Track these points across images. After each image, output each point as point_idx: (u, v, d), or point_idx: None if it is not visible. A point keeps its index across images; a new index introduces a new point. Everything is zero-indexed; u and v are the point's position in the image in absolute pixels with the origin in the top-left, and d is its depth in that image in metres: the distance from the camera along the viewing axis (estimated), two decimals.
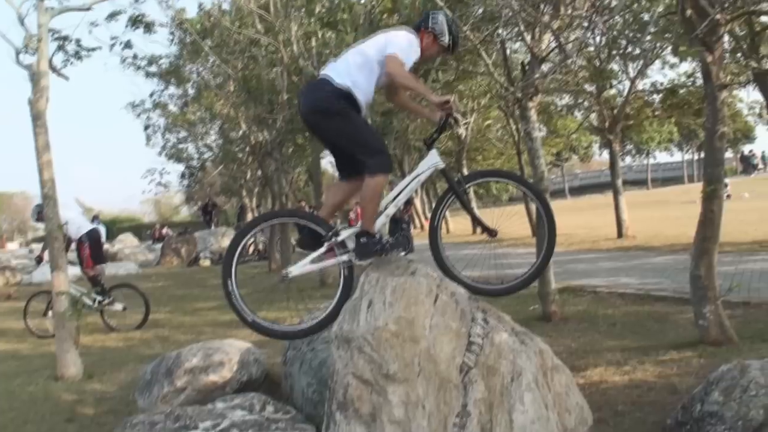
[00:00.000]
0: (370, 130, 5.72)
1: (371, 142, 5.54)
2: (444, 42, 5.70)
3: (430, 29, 5.70)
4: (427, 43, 5.72)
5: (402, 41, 5.57)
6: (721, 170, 8.74)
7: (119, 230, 55.35)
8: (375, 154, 5.45)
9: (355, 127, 5.52)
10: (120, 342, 12.95)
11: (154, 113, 32.64)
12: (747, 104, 32.13)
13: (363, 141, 5.51)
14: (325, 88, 5.52)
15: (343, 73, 5.55)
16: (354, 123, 5.51)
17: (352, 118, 5.50)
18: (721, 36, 8.40)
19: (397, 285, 4.92)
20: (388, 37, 5.66)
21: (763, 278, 12.68)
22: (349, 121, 5.49)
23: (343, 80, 5.49)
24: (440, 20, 5.71)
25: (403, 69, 5.36)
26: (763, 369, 5.24)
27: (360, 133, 5.53)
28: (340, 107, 5.46)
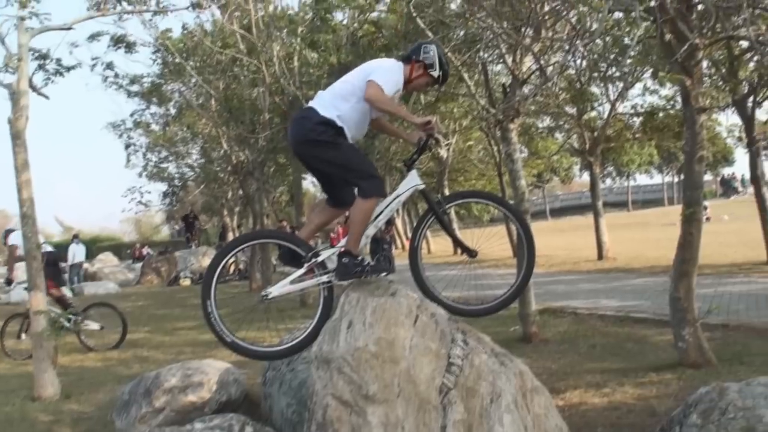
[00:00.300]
0: (360, 155, 5.69)
1: (363, 167, 5.53)
2: (434, 74, 5.69)
3: (422, 60, 5.69)
4: (417, 74, 5.71)
5: (385, 69, 5.56)
6: (700, 193, 8.80)
7: (99, 249, 54.89)
8: (368, 178, 5.46)
9: (345, 154, 5.51)
10: (98, 362, 12.85)
11: (135, 132, 32.48)
12: (726, 127, 32.43)
13: (354, 167, 5.50)
14: (312, 118, 5.52)
15: (328, 103, 5.56)
16: (343, 150, 5.50)
17: (341, 146, 5.49)
18: (700, 60, 8.48)
19: (377, 306, 4.92)
20: (373, 64, 5.68)
21: (742, 300, 12.75)
22: (338, 149, 5.48)
23: (328, 111, 5.50)
24: (432, 52, 5.69)
25: (381, 94, 5.33)
26: (741, 391, 5.25)
27: (350, 160, 5.52)
28: (327, 136, 5.45)
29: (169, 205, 46.03)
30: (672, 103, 22.58)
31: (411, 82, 5.75)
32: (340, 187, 5.70)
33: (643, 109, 24.17)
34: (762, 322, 10.91)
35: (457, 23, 12.06)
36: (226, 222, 37.40)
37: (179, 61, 21.21)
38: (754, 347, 9.47)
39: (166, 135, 32.55)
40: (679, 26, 7.78)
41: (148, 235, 75.08)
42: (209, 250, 38.58)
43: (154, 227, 77.49)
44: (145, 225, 77.68)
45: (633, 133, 26.34)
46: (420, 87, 5.95)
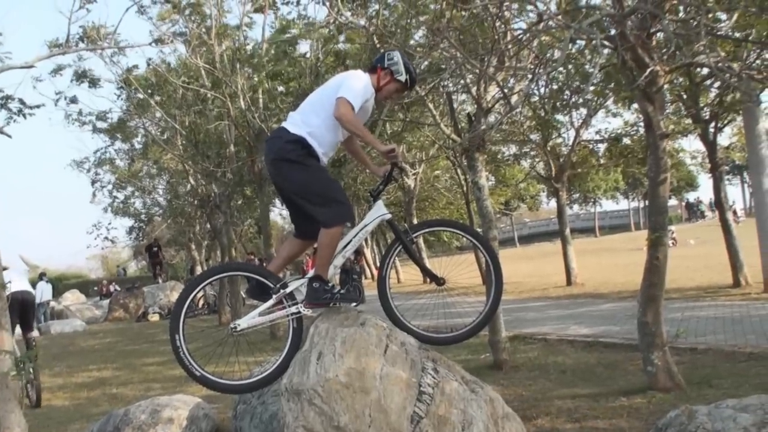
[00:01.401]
0: (328, 179, 5.63)
1: (330, 191, 5.48)
2: (401, 78, 5.69)
3: (387, 67, 5.69)
4: (384, 81, 5.71)
5: (353, 83, 5.53)
6: (666, 218, 8.87)
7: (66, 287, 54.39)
8: (333, 203, 5.41)
9: (313, 176, 5.46)
10: (65, 401, 12.68)
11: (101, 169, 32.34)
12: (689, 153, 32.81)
13: (321, 190, 5.46)
14: (282, 137, 5.51)
15: (299, 122, 5.54)
16: (311, 172, 5.45)
17: (309, 167, 5.45)
18: (661, 87, 8.59)
19: (346, 336, 4.91)
20: (341, 78, 5.67)
21: (709, 324, 12.85)
22: (306, 170, 5.44)
23: (298, 129, 5.48)
24: (396, 58, 5.71)
25: (351, 113, 5.32)
26: (710, 414, 5.28)
27: (318, 182, 5.47)
28: (297, 155, 5.42)
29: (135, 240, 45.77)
30: (635, 128, 22.87)
31: (380, 91, 5.74)
32: (308, 217, 5.64)
33: (607, 135, 24.47)
34: (729, 345, 11.00)
35: (420, 53, 12.13)
36: (194, 256, 37.23)
37: (143, 96, 21.19)
38: (723, 370, 9.53)
39: (131, 170, 32.42)
40: (640, 54, 7.89)
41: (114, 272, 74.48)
42: (177, 284, 38.33)
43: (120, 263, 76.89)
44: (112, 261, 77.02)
45: (598, 159, 26.61)
46: (390, 94, 5.89)
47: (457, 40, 10.61)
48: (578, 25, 6.72)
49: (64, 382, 14.17)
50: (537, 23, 8.65)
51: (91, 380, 14.37)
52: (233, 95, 18.26)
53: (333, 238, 5.42)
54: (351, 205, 5.70)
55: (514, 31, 10.84)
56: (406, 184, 29.44)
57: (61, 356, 19.09)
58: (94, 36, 16.12)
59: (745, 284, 17.22)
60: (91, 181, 32.81)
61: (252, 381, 5.74)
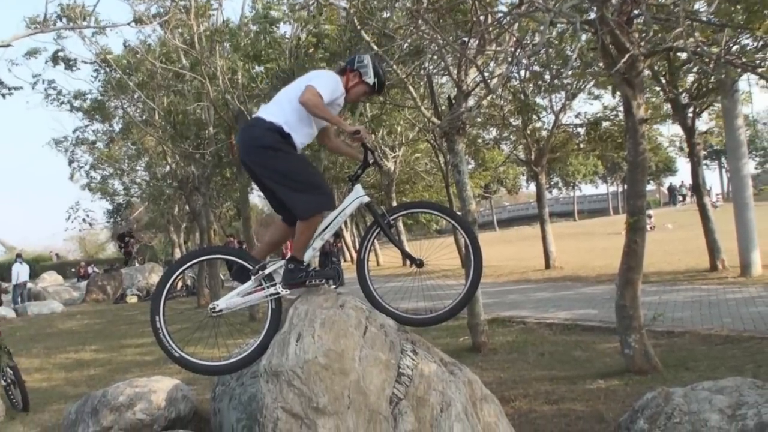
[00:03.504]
0: (307, 166, 5.58)
1: (311, 179, 5.47)
2: (369, 81, 5.70)
3: (356, 69, 5.72)
4: (353, 83, 5.73)
5: (323, 77, 5.59)
6: (644, 202, 8.91)
7: (43, 268, 54.09)
8: (313, 192, 5.39)
9: (293, 162, 5.45)
10: (43, 382, 12.64)
11: (79, 149, 32.06)
12: (668, 138, 32.98)
13: (301, 177, 5.43)
14: (260, 125, 5.48)
15: (275, 111, 5.53)
16: (290, 159, 5.43)
17: (288, 154, 5.43)
18: (640, 71, 8.61)
19: (326, 318, 4.91)
20: (312, 74, 5.71)
21: (686, 308, 12.94)
22: (285, 157, 5.42)
23: (275, 117, 5.46)
24: (365, 61, 5.75)
25: (316, 98, 5.31)
26: (686, 396, 5.33)
27: (299, 169, 5.45)
28: (275, 142, 5.40)
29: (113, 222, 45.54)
30: (614, 113, 22.91)
31: (349, 92, 5.75)
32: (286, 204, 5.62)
33: (586, 119, 24.52)
34: (706, 328, 11.09)
35: (401, 35, 12.10)
36: (173, 238, 37.11)
37: (121, 77, 21.05)
38: (699, 353, 9.61)
39: (110, 152, 32.19)
40: (620, 38, 7.90)
41: (93, 253, 74.13)
42: (155, 266, 38.22)
43: (99, 245, 76.50)
44: (90, 243, 76.62)
45: (577, 143, 26.66)
46: (358, 96, 5.92)
47: (436, 22, 10.59)
48: (558, 8, 6.72)
49: (41, 363, 14.11)
50: (518, 6, 8.65)
51: (69, 362, 14.32)
52: (212, 76, 18.16)
53: (311, 225, 5.43)
54: (331, 194, 5.68)
55: (494, 14, 10.82)
56: (386, 167, 29.40)
57: (39, 338, 19.00)
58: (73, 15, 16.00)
59: (722, 268, 17.34)
60: (69, 161, 32.57)
61: (231, 362, 5.73)
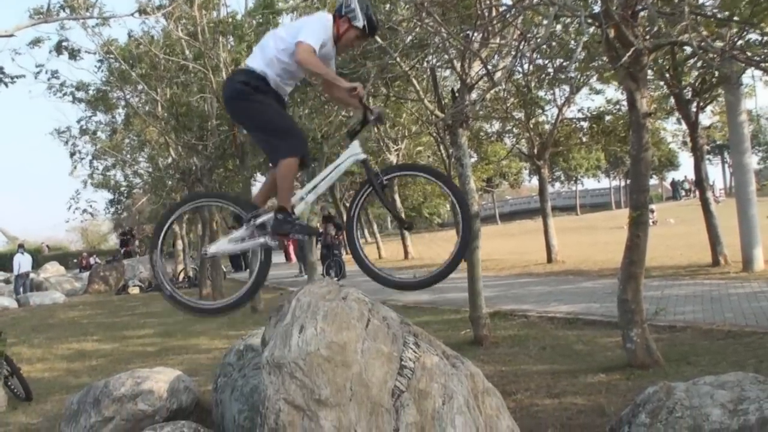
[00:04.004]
0: (279, 113, 5.69)
1: (280, 124, 5.59)
2: (358, 24, 5.63)
3: (344, 14, 5.67)
4: (343, 29, 5.69)
5: (311, 25, 5.59)
6: (647, 196, 8.91)
7: (45, 259, 54.13)
8: (284, 137, 5.51)
9: (264, 110, 5.57)
10: (45, 372, 12.66)
11: (81, 140, 32.00)
12: (671, 132, 32.89)
13: (271, 124, 5.57)
14: (239, 75, 5.69)
15: (258, 56, 5.65)
16: (263, 106, 5.57)
17: (261, 102, 5.56)
18: (645, 65, 8.59)
19: (328, 310, 4.91)
20: (301, 21, 5.86)
21: (688, 302, 12.93)
22: (258, 105, 5.56)
23: (257, 63, 5.59)
24: (352, 4, 5.66)
25: (311, 56, 5.35)
26: (688, 391, 5.33)
27: (268, 116, 5.58)
28: (249, 91, 5.54)
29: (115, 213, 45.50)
30: (618, 107, 22.88)
31: (341, 39, 5.73)
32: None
33: (589, 113, 24.48)
34: (707, 323, 11.07)
35: (405, 28, 12.08)
36: (174, 229, 37.04)
37: (125, 68, 21.02)
38: (700, 348, 9.60)
39: (113, 143, 32.15)
40: (624, 32, 7.89)
41: (95, 244, 74.16)
42: None
43: (101, 235, 76.54)
44: (92, 234, 76.65)
45: (580, 137, 26.62)
46: (350, 42, 5.85)
47: (441, 15, 10.57)
48: (563, 2, 6.70)
49: (43, 353, 14.13)
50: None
51: (71, 352, 14.34)
52: (215, 68, 18.14)
53: (288, 168, 5.50)
54: (303, 138, 5.77)
55: (499, 7, 10.79)
56: (389, 160, 29.36)
57: (41, 328, 19.03)
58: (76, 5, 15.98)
59: (724, 263, 17.33)
60: (70, 153, 32.49)
61: (219, 305, 5.92)
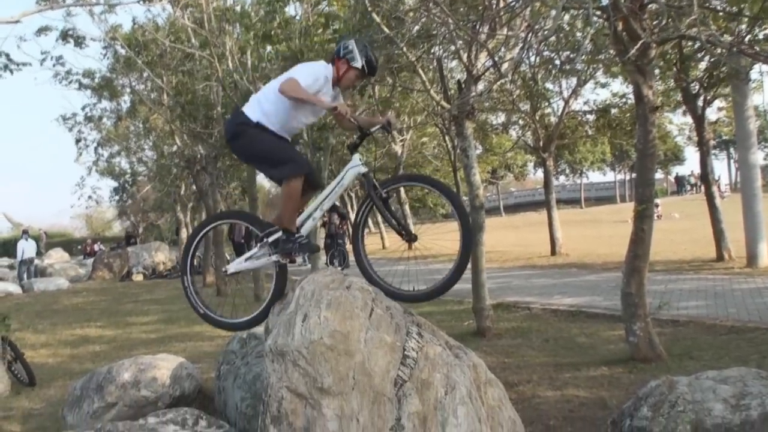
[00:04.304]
0: (277, 143, 5.81)
1: (278, 153, 5.72)
2: (357, 65, 5.80)
3: (343, 56, 5.84)
4: (343, 70, 5.85)
5: (303, 68, 5.83)
6: (652, 190, 8.90)
7: (49, 245, 54.22)
8: (281, 164, 5.67)
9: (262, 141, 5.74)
10: (49, 358, 12.70)
11: (86, 127, 32.03)
12: (677, 126, 32.82)
13: (270, 154, 5.74)
14: (236, 117, 5.91)
15: (254, 105, 5.84)
16: (260, 138, 5.74)
17: (259, 135, 5.73)
18: (652, 58, 8.57)
19: (332, 299, 4.91)
20: (294, 68, 5.91)
21: (692, 297, 12.93)
22: (257, 138, 5.74)
23: (253, 112, 5.78)
24: (350, 46, 5.85)
25: (293, 84, 5.50)
26: (690, 385, 5.33)
27: (267, 146, 5.74)
28: (242, 130, 5.78)
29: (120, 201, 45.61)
30: (624, 100, 22.83)
31: (341, 80, 5.90)
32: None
33: (596, 106, 24.42)
34: (711, 318, 11.07)
35: (412, 18, 12.06)
36: (179, 217, 37.07)
37: (130, 55, 21.00)
38: (703, 342, 9.60)
39: (118, 130, 32.17)
40: (632, 25, 7.87)
41: (99, 231, 74.22)
42: (161, 245, 38.32)
43: (105, 223, 76.58)
44: (97, 221, 76.70)
45: (586, 130, 26.57)
46: (351, 81, 6.01)
47: (448, 6, 10.55)
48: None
49: (47, 339, 14.17)
50: None
51: (75, 338, 14.38)
52: (221, 56, 18.12)
53: (291, 189, 5.66)
54: (303, 159, 5.91)
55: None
56: (393, 150, 29.36)
57: (45, 314, 19.07)
58: None
59: (729, 258, 17.32)
60: (76, 140, 32.53)
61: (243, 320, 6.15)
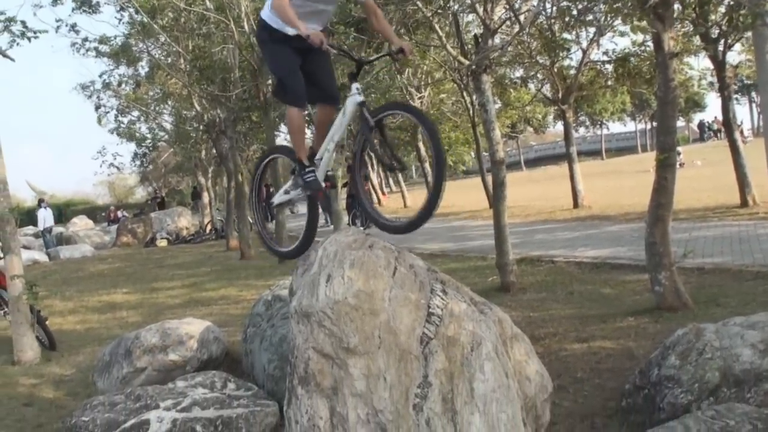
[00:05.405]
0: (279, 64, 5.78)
1: (280, 76, 5.79)
2: None
3: None
4: None
5: None
6: (674, 138, 8.82)
7: (73, 213, 54.66)
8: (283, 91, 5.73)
9: (271, 56, 5.86)
10: (77, 325, 12.82)
11: (105, 94, 32.16)
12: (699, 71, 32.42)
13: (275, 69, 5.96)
14: (258, 24, 5.99)
15: (266, 5, 5.79)
16: (270, 52, 5.85)
17: (269, 48, 5.82)
18: (671, 4, 8.45)
19: (355, 258, 4.91)
20: None
21: (716, 244, 12.85)
22: (268, 51, 5.91)
23: (264, 12, 5.77)
24: None
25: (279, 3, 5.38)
26: (717, 332, 5.32)
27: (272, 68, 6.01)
28: (261, 38, 5.93)
29: (141, 166, 45.82)
30: (643, 48, 22.55)
31: None
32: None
33: (615, 55, 24.15)
34: (736, 264, 11.01)
35: None
36: (201, 181, 37.20)
37: (146, 20, 20.96)
38: (729, 289, 9.55)
39: (136, 95, 32.24)
40: None
41: (122, 197, 74.69)
42: (184, 210, 38.51)
43: (128, 189, 77.03)
44: (119, 187, 77.18)
45: (606, 80, 26.32)
46: None
47: None
48: None
49: (74, 306, 14.30)
50: None
51: (102, 304, 14.50)
52: (237, 18, 18.05)
53: (291, 118, 5.81)
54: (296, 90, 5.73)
55: None
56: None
57: (71, 281, 19.24)
58: None
59: (753, 204, 17.18)
60: (95, 107, 32.70)
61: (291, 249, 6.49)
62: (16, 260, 10.35)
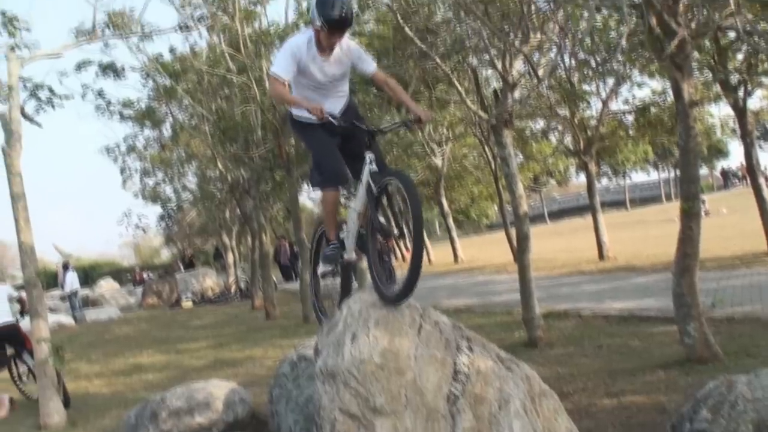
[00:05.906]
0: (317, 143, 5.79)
1: (315, 158, 5.88)
2: (318, 26, 5.50)
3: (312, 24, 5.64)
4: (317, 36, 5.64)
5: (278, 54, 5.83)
6: (697, 186, 8.78)
7: (99, 275, 54.96)
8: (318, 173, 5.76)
9: (306, 143, 6.06)
10: (103, 387, 12.80)
11: (129, 157, 32.61)
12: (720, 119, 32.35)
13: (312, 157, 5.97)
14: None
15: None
16: (303, 140, 6.05)
17: (301, 137, 6.00)
18: (689, 53, 8.46)
19: (380, 317, 4.88)
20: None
21: (746, 293, 12.70)
22: (302, 140, 6.14)
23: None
24: (312, 11, 5.59)
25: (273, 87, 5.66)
26: (749, 383, 5.22)
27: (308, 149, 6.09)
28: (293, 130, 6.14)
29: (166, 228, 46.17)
30: (663, 97, 22.57)
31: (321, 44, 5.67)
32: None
33: (635, 105, 24.17)
34: (766, 313, 10.86)
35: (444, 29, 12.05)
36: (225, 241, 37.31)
37: (170, 84, 21.25)
38: (761, 339, 9.42)
39: (161, 157, 32.60)
40: (666, 19, 7.77)
41: (147, 259, 75.03)
42: (209, 271, 38.62)
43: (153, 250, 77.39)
44: (144, 249, 77.57)
45: (626, 130, 26.31)
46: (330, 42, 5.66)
47: (483, 12, 10.52)
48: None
49: (100, 369, 14.29)
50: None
51: (127, 367, 14.49)
52: (259, 79, 18.24)
53: (325, 201, 5.87)
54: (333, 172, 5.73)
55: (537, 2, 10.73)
56: (434, 163, 29.26)
57: (97, 344, 19.27)
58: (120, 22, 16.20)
59: None
60: (120, 170, 33.14)
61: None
62: (42, 324, 10.39)
